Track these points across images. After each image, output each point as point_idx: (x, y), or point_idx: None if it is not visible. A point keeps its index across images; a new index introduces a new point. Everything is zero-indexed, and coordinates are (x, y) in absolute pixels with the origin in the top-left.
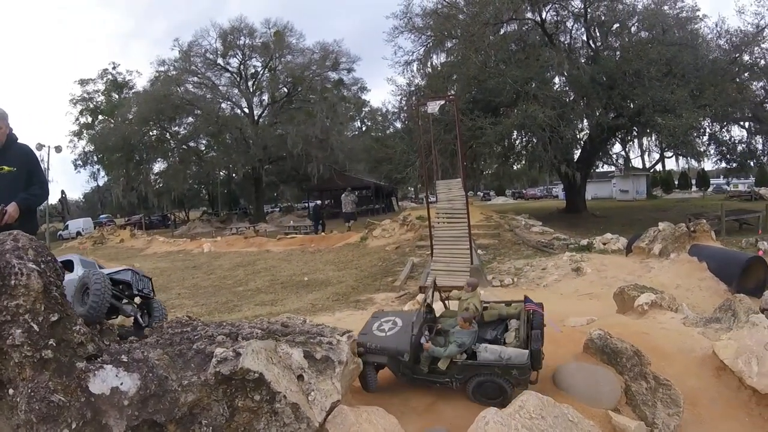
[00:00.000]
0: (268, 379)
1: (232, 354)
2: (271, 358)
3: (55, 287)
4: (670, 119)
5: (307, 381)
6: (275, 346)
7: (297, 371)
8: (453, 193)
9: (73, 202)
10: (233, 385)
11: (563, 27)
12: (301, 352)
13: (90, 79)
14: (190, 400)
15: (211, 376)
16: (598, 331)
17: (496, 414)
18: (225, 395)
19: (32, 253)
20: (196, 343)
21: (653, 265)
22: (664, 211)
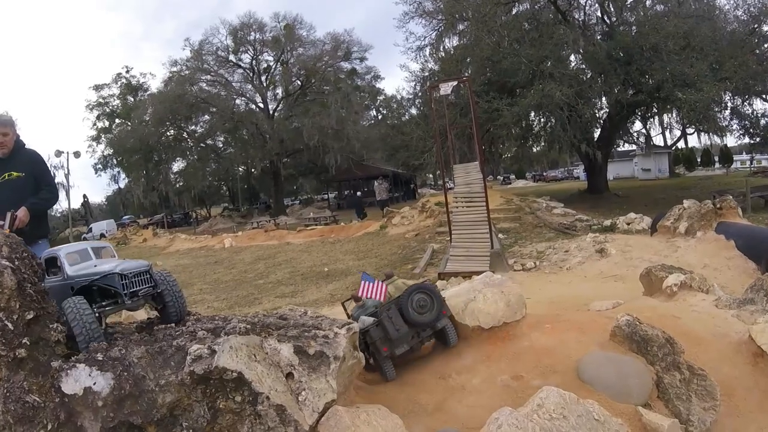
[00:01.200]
0: (248, 378)
1: (207, 351)
2: (254, 356)
3: (30, 284)
4: (690, 93)
5: (297, 379)
6: (261, 342)
7: (286, 369)
8: (471, 177)
9: (96, 205)
10: (212, 385)
11: (576, 3)
12: (292, 348)
13: (104, 84)
14: (168, 400)
15: (186, 376)
16: (626, 317)
17: (510, 415)
18: (205, 396)
19: (6, 249)
20: (177, 339)
21: (679, 245)
22: (687, 190)
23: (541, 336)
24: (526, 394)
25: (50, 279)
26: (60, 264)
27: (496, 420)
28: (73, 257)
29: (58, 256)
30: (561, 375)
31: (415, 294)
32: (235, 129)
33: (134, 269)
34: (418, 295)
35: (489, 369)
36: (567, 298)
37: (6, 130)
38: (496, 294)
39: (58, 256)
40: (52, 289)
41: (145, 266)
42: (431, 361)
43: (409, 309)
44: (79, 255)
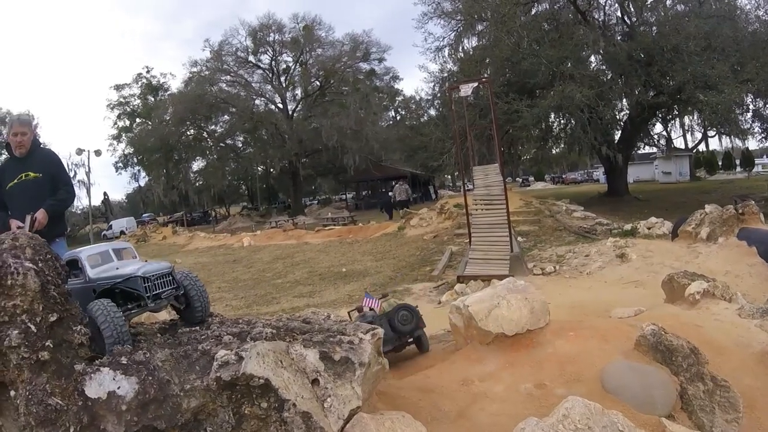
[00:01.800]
0: (275, 385)
1: (234, 358)
2: (280, 362)
3: (54, 286)
4: (712, 96)
5: (323, 386)
6: (287, 348)
7: (312, 375)
8: (490, 179)
9: (116, 202)
10: (238, 390)
11: (596, 3)
12: (317, 354)
13: (125, 84)
14: (193, 405)
15: (212, 381)
16: (652, 326)
17: (536, 425)
18: (230, 401)
19: (30, 251)
20: (202, 343)
21: (701, 250)
22: (708, 193)
23: (565, 344)
24: (549, 403)
25: (72, 281)
26: (81, 266)
27: (522, 430)
28: (94, 259)
29: (79, 258)
30: (585, 384)
31: (400, 311)
32: (254, 129)
33: (157, 271)
34: (403, 311)
35: (512, 376)
36: (588, 304)
37: (24, 129)
38: (519, 300)
39: (79, 258)
40: (73, 291)
41: (168, 268)
42: (453, 367)
43: (396, 321)
44: (101, 257)
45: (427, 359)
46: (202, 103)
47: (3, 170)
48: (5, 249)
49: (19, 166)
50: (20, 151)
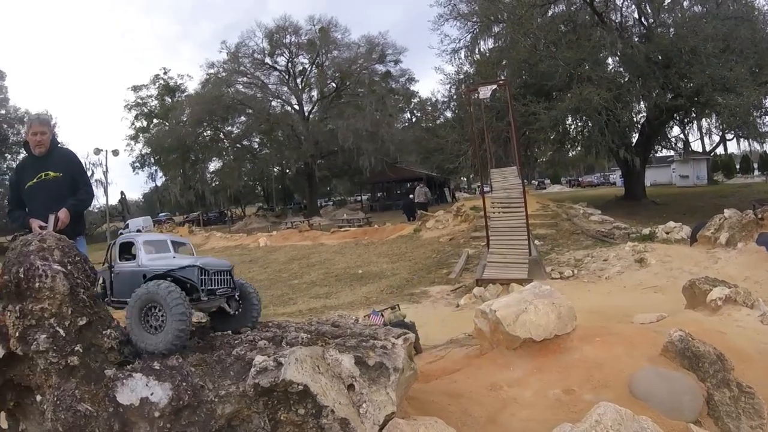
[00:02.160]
0: (314, 391)
1: (273, 364)
2: (317, 367)
3: (83, 289)
4: (731, 98)
5: (358, 391)
6: (323, 353)
7: (347, 380)
8: (509, 182)
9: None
10: (275, 397)
11: (613, 4)
12: (352, 359)
13: (143, 85)
14: (227, 411)
15: (249, 388)
16: (679, 332)
17: (571, 431)
18: (266, 407)
19: (58, 253)
20: (236, 348)
21: (720, 256)
22: (726, 198)
23: (592, 349)
24: (577, 409)
25: (121, 264)
26: (136, 250)
27: None
28: (150, 245)
29: (135, 242)
30: (612, 390)
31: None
32: (270, 130)
33: (216, 266)
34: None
35: (540, 382)
36: (607, 309)
37: (44, 128)
38: (547, 306)
39: (135, 242)
40: (121, 274)
41: (228, 266)
42: (481, 372)
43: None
44: (158, 245)
45: (450, 363)
46: (218, 105)
47: (22, 169)
48: (32, 251)
49: (39, 165)
50: (39, 150)
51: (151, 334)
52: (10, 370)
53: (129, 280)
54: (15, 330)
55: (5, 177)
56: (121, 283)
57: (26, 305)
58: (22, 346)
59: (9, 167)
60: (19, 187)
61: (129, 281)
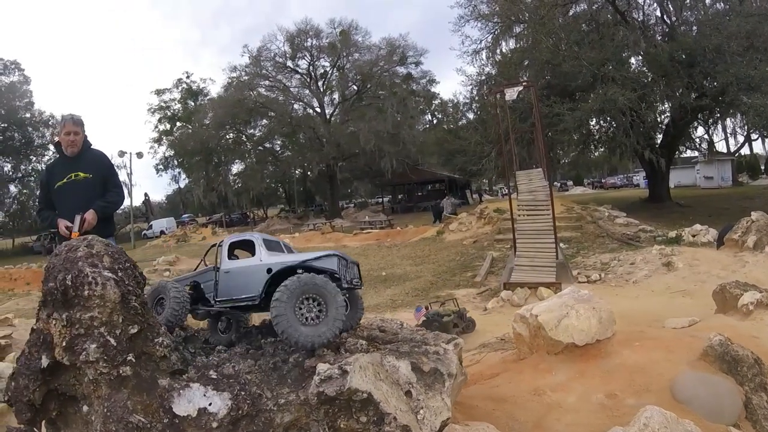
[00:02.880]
0: (377, 398)
1: (338, 372)
2: (378, 374)
3: (135, 296)
4: (756, 98)
5: (415, 397)
6: (381, 359)
7: (405, 387)
8: (534, 184)
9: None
10: (337, 405)
11: (635, 3)
12: (409, 365)
13: (166, 89)
14: (286, 420)
15: (313, 396)
16: (719, 337)
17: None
18: (326, 416)
19: (108, 260)
20: (292, 355)
21: (747, 259)
22: (752, 199)
23: (632, 354)
24: (621, 413)
25: (232, 263)
26: (256, 248)
27: None
28: (267, 244)
29: (254, 239)
30: (654, 394)
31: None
32: (292, 133)
33: (349, 258)
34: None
35: (583, 386)
36: (637, 313)
37: (77, 129)
38: (588, 310)
39: (254, 239)
40: (233, 273)
41: (355, 260)
42: (522, 377)
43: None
44: (272, 244)
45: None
46: (241, 108)
47: (52, 170)
48: (81, 257)
49: (69, 165)
50: (72, 150)
51: (307, 326)
52: (55, 380)
53: (245, 276)
54: (62, 339)
55: (30, 179)
56: (231, 281)
57: (74, 313)
58: (70, 356)
59: (34, 169)
60: (49, 188)
61: (245, 277)
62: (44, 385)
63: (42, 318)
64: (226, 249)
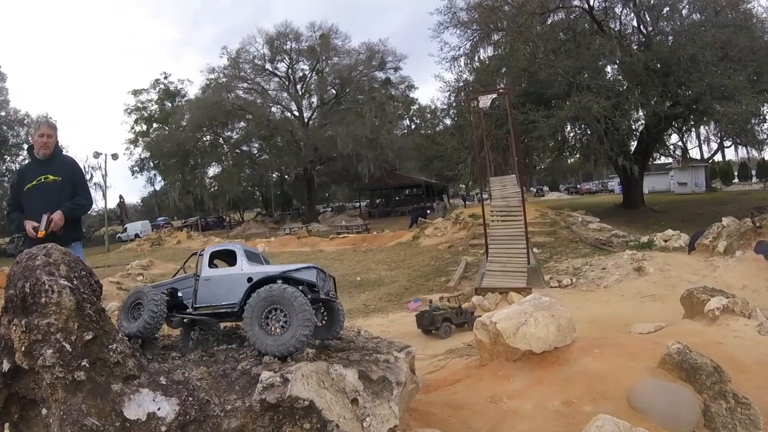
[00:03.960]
0: (319, 406)
1: (279, 380)
2: (322, 382)
3: (90, 304)
4: (729, 106)
5: (362, 405)
6: (327, 368)
7: (351, 395)
8: (507, 190)
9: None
10: (281, 412)
11: (612, 13)
12: (356, 373)
13: (143, 89)
14: (233, 426)
15: (256, 403)
16: (677, 345)
17: None
18: (272, 422)
19: (65, 268)
20: (241, 362)
21: (718, 264)
22: (725, 205)
23: (592, 361)
24: (577, 420)
25: (213, 271)
26: (237, 258)
27: None
28: (248, 255)
29: (235, 249)
30: (612, 402)
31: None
32: (270, 136)
33: (327, 272)
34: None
35: (540, 394)
36: (607, 318)
37: (51, 132)
38: (547, 318)
39: (235, 249)
40: (213, 280)
41: (332, 275)
42: (482, 384)
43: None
44: (252, 255)
45: (451, 373)
46: (218, 110)
47: (23, 173)
48: (39, 265)
49: (40, 168)
50: (44, 152)
51: (271, 336)
52: (16, 384)
53: (225, 285)
54: (21, 344)
55: (4, 179)
56: (211, 289)
57: (32, 320)
58: (28, 361)
59: (8, 169)
60: (19, 190)
61: (225, 286)
62: (6, 388)
63: (4, 324)
64: (207, 258)
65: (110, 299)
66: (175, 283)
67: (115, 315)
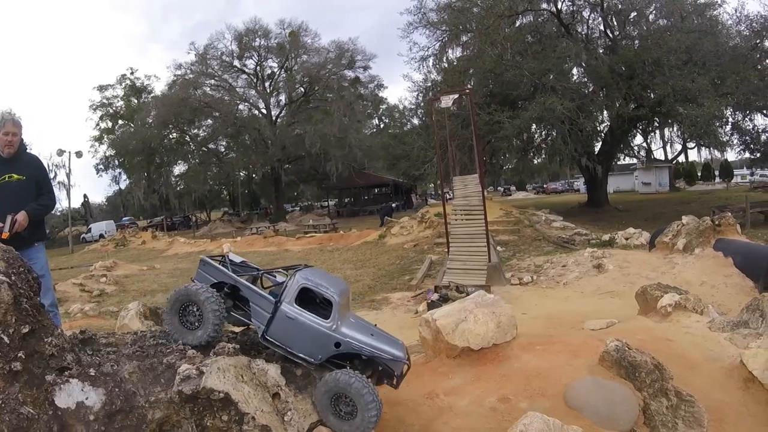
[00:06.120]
0: (235, 399)
1: (195, 372)
2: (241, 376)
3: (27, 299)
4: (692, 109)
5: (283, 399)
6: (248, 363)
7: (273, 389)
8: (469, 189)
9: (96, 205)
10: (200, 403)
11: (579, 17)
12: (279, 368)
13: (109, 85)
14: (157, 417)
15: (175, 394)
16: (615, 342)
17: None
18: (193, 414)
19: (2, 264)
20: (168, 356)
21: (677, 261)
22: (688, 204)
23: (532, 358)
24: (512, 417)
25: (302, 313)
26: (333, 312)
27: None
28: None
29: (332, 301)
30: (549, 399)
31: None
32: (237, 134)
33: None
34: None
35: (477, 391)
36: (563, 315)
37: (16, 130)
38: (487, 315)
39: (332, 301)
40: (298, 324)
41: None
42: (421, 381)
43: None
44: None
45: None
46: (185, 107)
47: None
48: None
49: (4, 167)
50: (8, 151)
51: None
52: None
53: (309, 335)
54: None
55: None
56: (289, 331)
57: None
58: None
59: None
60: None
61: (309, 337)
62: None
63: None
64: (296, 290)
65: (73, 301)
66: (246, 290)
67: (78, 317)
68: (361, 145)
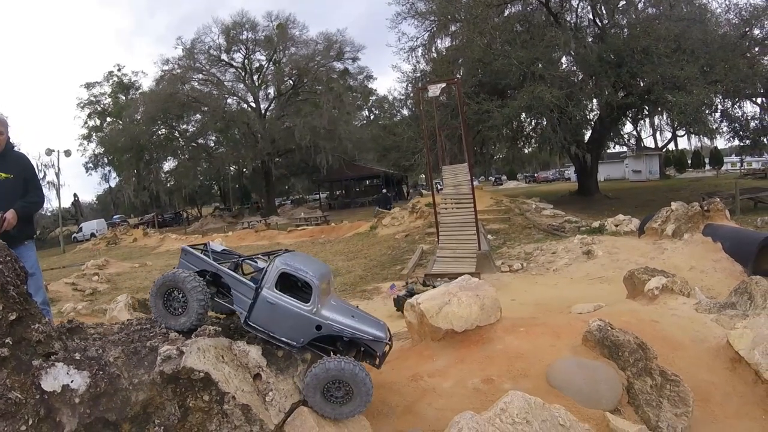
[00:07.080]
0: (215, 378)
1: (176, 352)
2: (221, 357)
3: (14, 287)
4: (681, 96)
5: (264, 380)
6: (229, 344)
7: (254, 370)
8: (459, 178)
9: (87, 204)
10: (182, 384)
11: (568, 5)
12: (260, 350)
13: (96, 82)
14: (141, 398)
15: (156, 375)
16: (598, 322)
17: (471, 419)
18: (175, 395)
19: None
20: (150, 340)
21: (666, 246)
22: (678, 191)
23: (515, 340)
24: (495, 398)
25: (282, 297)
26: (312, 294)
27: (457, 423)
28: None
29: (312, 284)
30: (532, 379)
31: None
32: (226, 128)
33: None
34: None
35: (461, 372)
36: (552, 300)
37: (2, 128)
38: (470, 297)
39: (312, 284)
40: (279, 308)
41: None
42: (406, 363)
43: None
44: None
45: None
46: (173, 102)
47: None
48: None
49: None
50: None
51: (330, 405)
52: None
53: (290, 319)
54: None
55: None
56: (271, 315)
57: None
58: None
59: None
60: None
61: (290, 321)
62: None
63: None
64: (276, 275)
65: (65, 300)
66: (227, 277)
67: (70, 316)
68: (351, 137)
